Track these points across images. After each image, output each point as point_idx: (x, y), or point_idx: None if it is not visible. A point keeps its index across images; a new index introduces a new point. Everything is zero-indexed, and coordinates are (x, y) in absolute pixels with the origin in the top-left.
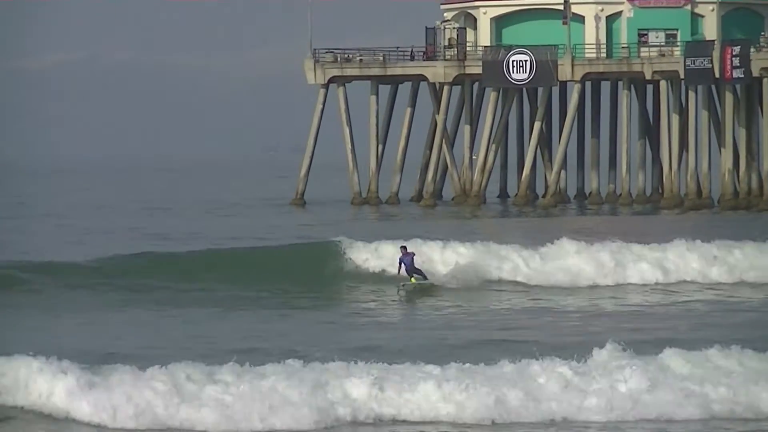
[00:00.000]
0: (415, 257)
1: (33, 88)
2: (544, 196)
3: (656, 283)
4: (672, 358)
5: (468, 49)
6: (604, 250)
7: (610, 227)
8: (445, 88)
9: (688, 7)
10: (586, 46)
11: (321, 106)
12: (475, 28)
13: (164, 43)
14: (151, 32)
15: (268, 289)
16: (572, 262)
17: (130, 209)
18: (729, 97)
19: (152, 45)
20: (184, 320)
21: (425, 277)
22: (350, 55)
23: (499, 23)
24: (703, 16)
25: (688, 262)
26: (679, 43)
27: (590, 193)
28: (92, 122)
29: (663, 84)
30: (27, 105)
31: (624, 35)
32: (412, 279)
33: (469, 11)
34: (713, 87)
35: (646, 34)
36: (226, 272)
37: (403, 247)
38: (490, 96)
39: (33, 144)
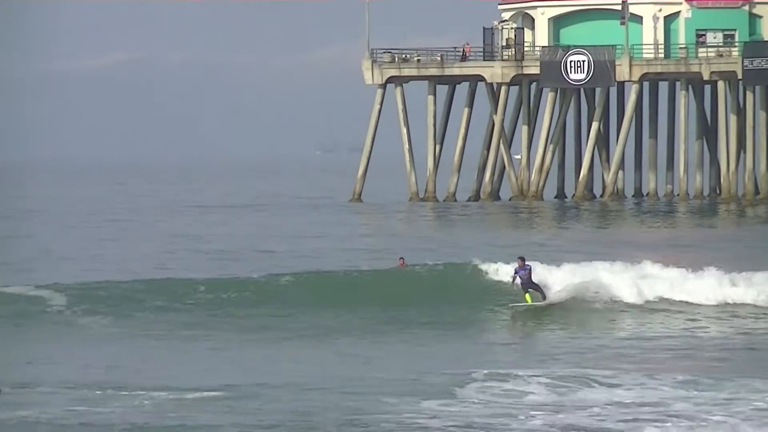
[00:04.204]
0: (532, 271)
1: (95, 87)
2: (602, 196)
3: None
4: None
5: (526, 49)
6: None
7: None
8: (503, 88)
9: (747, 7)
10: (644, 47)
11: (378, 106)
12: (532, 29)
13: (224, 44)
14: (212, 32)
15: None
16: None
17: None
18: None
19: (213, 45)
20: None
21: (544, 295)
22: (408, 56)
23: (557, 23)
24: (761, 17)
25: None
26: (737, 44)
27: (648, 193)
28: (153, 122)
29: (721, 84)
30: (94, 104)
31: (682, 35)
32: (527, 296)
33: (526, 11)
34: None
35: (704, 35)
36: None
37: (521, 258)
38: (548, 96)
39: (91, 143)
